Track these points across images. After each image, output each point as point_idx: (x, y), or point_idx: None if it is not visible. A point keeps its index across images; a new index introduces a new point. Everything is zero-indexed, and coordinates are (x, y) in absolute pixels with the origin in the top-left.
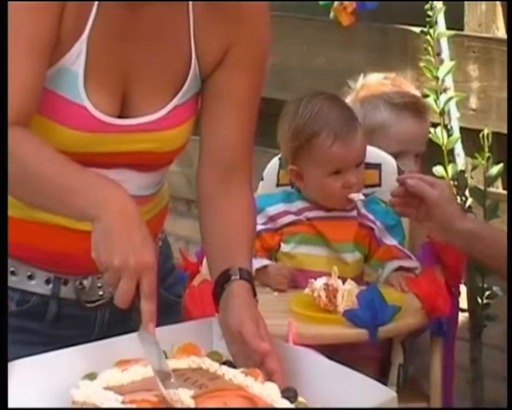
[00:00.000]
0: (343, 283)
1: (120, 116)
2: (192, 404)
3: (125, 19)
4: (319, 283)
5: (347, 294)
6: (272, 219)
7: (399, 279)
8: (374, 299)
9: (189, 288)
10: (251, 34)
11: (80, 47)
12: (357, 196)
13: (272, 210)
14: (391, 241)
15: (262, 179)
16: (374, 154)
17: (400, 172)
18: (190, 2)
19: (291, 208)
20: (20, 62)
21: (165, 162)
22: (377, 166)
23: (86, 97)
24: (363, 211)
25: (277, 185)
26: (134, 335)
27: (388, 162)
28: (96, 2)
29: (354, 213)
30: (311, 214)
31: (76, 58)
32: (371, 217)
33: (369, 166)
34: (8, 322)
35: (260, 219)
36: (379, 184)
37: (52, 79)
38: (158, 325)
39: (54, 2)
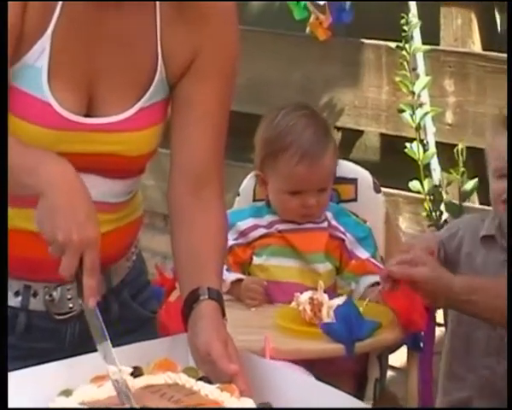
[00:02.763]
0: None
1: (87, 116)
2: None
3: (91, 18)
4: (304, 296)
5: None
6: (243, 233)
7: (373, 294)
8: (350, 314)
9: (165, 304)
10: (218, 42)
11: (44, 44)
12: None
13: (243, 225)
14: (363, 253)
15: (238, 195)
16: (350, 169)
17: (376, 187)
18: (158, 5)
19: (261, 222)
20: None
21: (133, 169)
22: (353, 181)
23: (50, 94)
24: (334, 223)
25: (254, 200)
26: None
27: (364, 177)
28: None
29: (325, 224)
30: (281, 227)
31: (40, 54)
32: (342, 229)
33: (345, 180)
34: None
35: (232, 235)
36: (355, 199)
37: (16, 75)
38: (134, 340)
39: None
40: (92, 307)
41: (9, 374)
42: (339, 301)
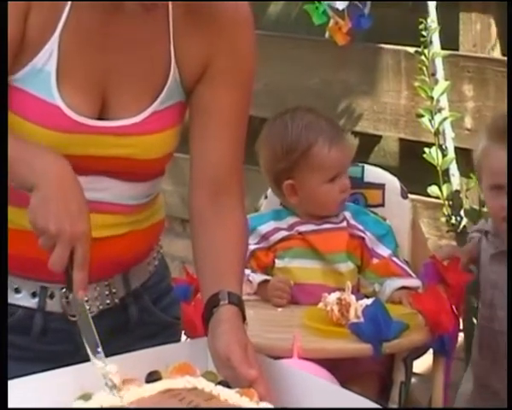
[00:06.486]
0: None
1: (100, 119)
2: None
3: (98, 21)
4: (332, 297)
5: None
6: (264, 237)
7: (403, 298)
8: (377, 314)
9: (194, 301)
10: (232, 47)
11: (52, 47)
12: None
13: (264, 228)
14: (384, 250)
15: (266, 198)
16: (377, 174)
17: (403, 193)
18: (170, 9)
19: (282, 225)
20: None
21: (149, 172)
22: (381, 187)
23: (59, 96)
24: (353, 222)
25: (280, 203)
26: (128, 355)
27: (392, 183)
28: (69, 3)
29: (344, 223)
30: (302, 228)
31: (48, 58)
32: (361, 227)
33: (373, 186)
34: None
35: (253, 239)
36: (382, 204)
37: (25, 79)
38: (154, 345)
39: (17, 4)
40: (81, 299)
41: (28, 378)
42: (367, 301)
